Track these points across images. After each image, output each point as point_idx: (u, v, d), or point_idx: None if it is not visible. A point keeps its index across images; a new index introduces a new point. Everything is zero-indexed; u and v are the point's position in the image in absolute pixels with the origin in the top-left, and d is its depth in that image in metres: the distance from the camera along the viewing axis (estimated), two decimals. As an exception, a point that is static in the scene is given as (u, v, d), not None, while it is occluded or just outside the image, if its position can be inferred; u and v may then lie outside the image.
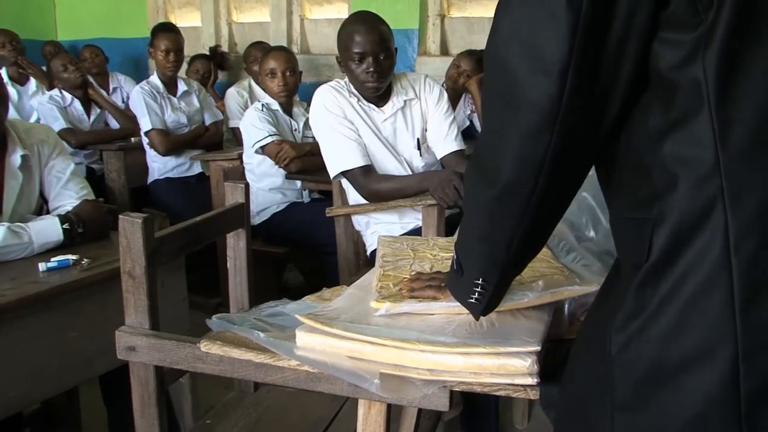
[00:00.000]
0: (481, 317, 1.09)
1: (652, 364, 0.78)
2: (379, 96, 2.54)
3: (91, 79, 4.60)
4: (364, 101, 2.54)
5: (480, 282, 0.98)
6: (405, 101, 2.57)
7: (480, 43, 4.57)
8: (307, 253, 3.50)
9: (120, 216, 1.33)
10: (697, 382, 0.74)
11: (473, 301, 1.01)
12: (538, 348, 1.05)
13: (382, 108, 2.56)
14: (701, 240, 0.74)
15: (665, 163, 0.76)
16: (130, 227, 1.32)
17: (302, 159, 3.26)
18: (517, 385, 1.06)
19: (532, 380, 1.04)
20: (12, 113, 4.42)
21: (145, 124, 3.99)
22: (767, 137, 0.72)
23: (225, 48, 5.64)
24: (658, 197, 0.77)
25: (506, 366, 1.05)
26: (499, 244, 0.92)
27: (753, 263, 0.72)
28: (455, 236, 1.12)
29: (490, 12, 4.65)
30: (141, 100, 3.99)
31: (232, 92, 4.69)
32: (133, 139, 4.31)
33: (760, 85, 0.72)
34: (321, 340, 1.13)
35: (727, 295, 0.72)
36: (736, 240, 0.72)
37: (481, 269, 0.98)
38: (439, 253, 1.50)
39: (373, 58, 2.40)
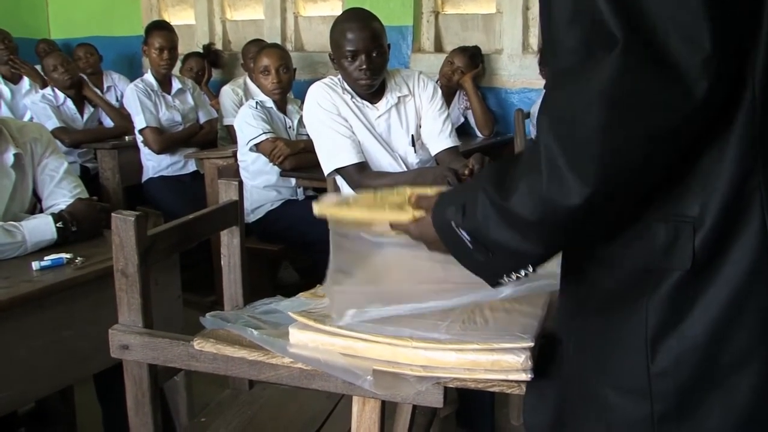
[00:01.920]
0: (475, 314, 1.10)
1: (697, 371, 0.76)
2: (373, 93, 2.53)
3: (85, 78, 4.58)
4: (358, 98, 2.54)
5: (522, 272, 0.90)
6: (399, 98, 2.57)
7: (474, 39, 4.57)
8: (301, 250, 3.50)
9: (113, 214, 1.33)
10: (746, 383, 0.74)
11: (503, 281, 0.92)
12: (532, 344, 1.05)
13: (376, 105, 2.56)
14: (741, 241, 0.73)
15: (706, 160, 0.74)
16: (123, 225, 1.32)
17: (297, 156, 3.26)
18: (511, 381, 1.06)
19: (526, 376, 1.04)
20: (5, 112, 4.44)
21: (139, 122, 3.98)
22: None
23: (219, 46, 5.63)
24: (698, 196, 0.75)
25: (500, 362, 1.05)
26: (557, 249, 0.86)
27: None
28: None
29: (483, 9, 4.66)
30: (135, 98, 3.98)
31: (226, 90, 4.68)
32: (127, 137, 4.30)
33: None
34: (314, 337, 1.13)
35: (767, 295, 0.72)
36: None
37: (529, 263, 0.88)
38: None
39: (366, 56, 2.40)
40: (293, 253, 3.68)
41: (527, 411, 1.05)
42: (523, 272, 0.89)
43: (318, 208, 1.16)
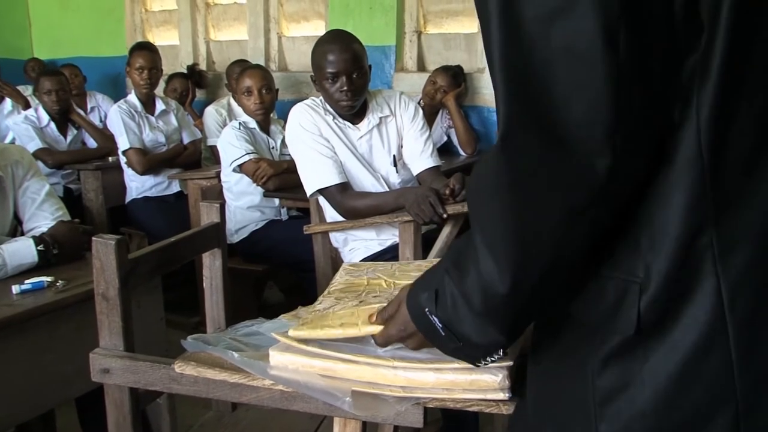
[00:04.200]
0: None
1: None
2: (355, 113, 2.55)
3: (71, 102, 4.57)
4: (340, 119, 2.56)
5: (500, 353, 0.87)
6: (380, 118, 2.59)
7: (456, 58, 4.61)
8: (286, 270, 3.50)
9: (93, 238, 1.33)
10: None
11: (480, 363, 0.91)
12: (510, 363, 1.05)
13: (357, 125, 2.58)
14: (694, 303, 0.69)
15: (654, 216, 0.70)
16: (104, 249, 1.32)
17: (280, 177, 3.26)
18: (489, 400, 1.07)
19: (503, 395, 1.05)
20: (-13, 133, 4.41)
21: (122, 143, 3.98)
22: (755, 188, 0.68)
23: (203, 66, 5.65)
24: (643, 256, 0.70)
25: (478, 381, 1.05)
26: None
27: (749, 320, 0.68)
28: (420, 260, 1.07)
29: (465, 28, 4.71)
30: (119, 119, 3.98)
31: (210, 111, 4.68)
32: (110, 158, 4.29)
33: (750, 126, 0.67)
34: (293, 359, 1.14)
35: (725, 356, 0.68)
36: (730, 296, 0.67)
37: (496, 350, 0.86)
38: (395, 281, 1.40)
39: (347, 77, 2.42)
40: (278, 273, 3.68)
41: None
42: (495, 356, 0.89)
43: (294, 333, 1.16)
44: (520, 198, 0.69)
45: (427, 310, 0.87)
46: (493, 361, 0.91)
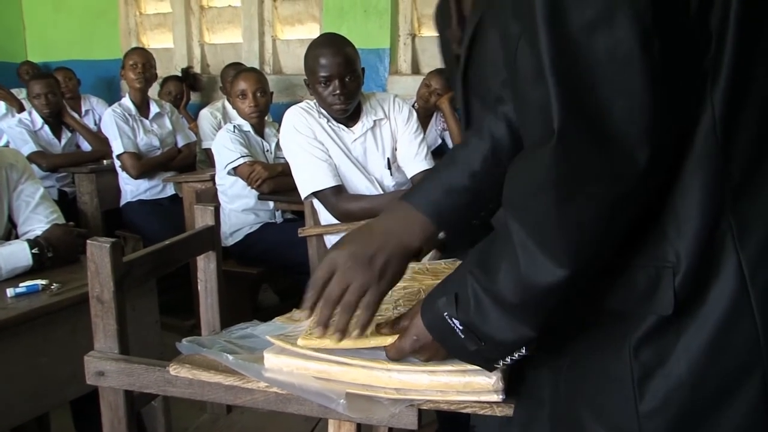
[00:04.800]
0: None
1: (685, 409, 0.77)
2: (349, 116, 2.56)
3: (65, 104, 4.56)
4: (334, 122, 2.56)
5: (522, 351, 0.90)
6: (374, 121, 2.60)
7: (450, 61, 4.61)
8: (280, 273, 3.50)
9: (88, 241, 1.33)
10: (732, 415, 0.76)
11: (498, 365, 0.94)
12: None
13: (351, 128, 2.59)
14: (719, 279, 0.75)
15: (678, 205, 0.77)
16: (98, 252, 1.32)
17: (275, 180, 3.27)
18: (483, 402, 1.07)
19: (497, 397, 1.05)
20: (-20, 137, 4.40)
21: (117, 147, 3.98)
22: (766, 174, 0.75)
23: (197, 69, 5.65)
24: (672, 243, 0.77)
25: (472, 383, 1.06)
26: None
27: None
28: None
29: (460, 31, 4.71)
30: (113, 122, 3.98)
31: (205, 113, 4.69)
32: (105, 161, 4.29)
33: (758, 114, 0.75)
34: (288, 362, 1.14)
35: (751, 326, 0.74)
36: (751, 271, 0.74)
37: (522, 347, 0.89)
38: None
39: (339, 81, 2.43)
40: (272, 276, 3.68)
41: None
42: (517, 355, 0.90)
43: (302, 342, 1.16)
44: (571, 191, 0.74)
45: (446, 314, 0.90)
46: (512, 361, 0.92)
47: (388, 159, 2.63)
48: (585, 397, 0.87)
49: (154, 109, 4.23)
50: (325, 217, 2.63)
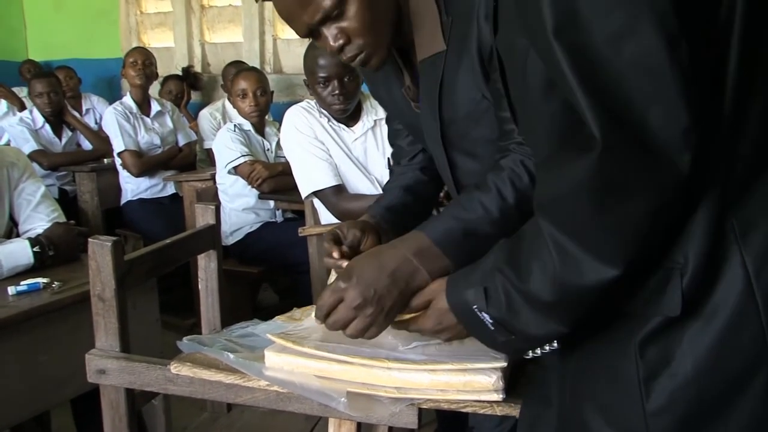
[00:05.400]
0: None
1: (692, 407, 0.78)
2: (349, 116, 2.56)
3: (66, 103, 4.57)
4: (335, 121, 2.57)
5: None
6: (375, 121, 2.60)
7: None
8: (281, 272, 3.51)
9: (89, 239, 1.33)
10: (739, 413, 0.76)
11: (526, 355, 0.97)
12: (504, 364, 1.06)
13: (352, 128, 2.59)
14: (725, 278, 0.75)
15: (686, 208, 0.76)
16: (100, 250, 1.32)
17: (275, 179, 3.27)
18: (483, 401, 1.07)
19: (497, 396, 1.06)
20: (-19, 135, 4.41)
21: (118, 145, 3.99)
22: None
23: (198, 68, 5.66)
24: (681, 245, 0.77)
25: (472, 383, 1.06)
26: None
27: None
28: None
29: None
30: (114, 121, 3.99)
31: (205, 114, 4.70)
32: (105, 160, 4.29)
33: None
34: (289, 360, 1.15)
35: (756, 322, 0.74)
36: (755, 270, 0.74)
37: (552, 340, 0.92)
38: None
39: (338, 81, 2.43)
40: (273, 275, 3.69)
41: None
42: (548, 348, 0.92)
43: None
44: (618, 197, 0.74)
45: (475, 307, 0.92)
46: (543, 353, 0.94)
47: (389, 159, 2.63)
48: (591, 397, 0.87)
49: (155, 107, 4.24)
50: (326, 216, 2.64)
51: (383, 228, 1.31)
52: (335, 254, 1.20)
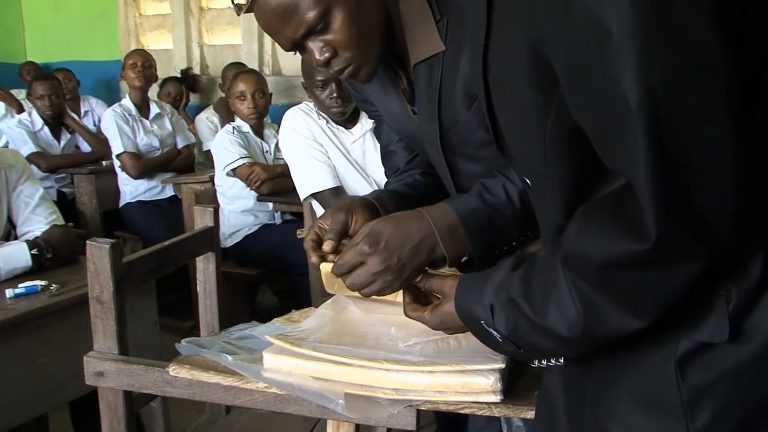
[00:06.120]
0: (449, 336, 1.12)
1: (735, 425, 0.77)
2: (348, 118, 2.57)
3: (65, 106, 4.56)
4: (333, 123, 2.57)
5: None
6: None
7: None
8: (279, 274, 3.51)
9: (87, 242, 1.33)
10: None
11: (533, 364, 0.93)
12: (502, 365, 1.06)
13: (350, 130, 2.59)
14: (764, 299, 0.74)
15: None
16: (98, 252, 1.32)
17: (274, 181, 3.27)
18: (482, 402, 1.07)
19: (495, 397, 1.06)
20: (-20, 137, 4.41)
21: (116, 147, 3.99)
22: None
23: (197, 70, 5.66)
24: (729, 272, 0.75)
25: (470, 384, 1.06)
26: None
27: None
28: None
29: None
30: (113, 123, 3.99)
31: (201, 119, 4.70)
32: (104, 162, 4.29)
33: None
34: (287, 362, 1.15)
35: None
36: None
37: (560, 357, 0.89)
38: None
39: (336, 84, 2.44)
40: (271, 277, 3.68)
41: None
42: (554, 361, 0.90)
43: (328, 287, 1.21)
44: (657, 275, 0.73)
45: (483, 322, 0.91)
46: (547, 364, 0.92)
47: (388, 160, 2.63)
48: (622, 420, 0.84)
49: (154, 109, 4.24)
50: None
51: (387, 207, 1.28)
52: (314, 259, 1.23)
